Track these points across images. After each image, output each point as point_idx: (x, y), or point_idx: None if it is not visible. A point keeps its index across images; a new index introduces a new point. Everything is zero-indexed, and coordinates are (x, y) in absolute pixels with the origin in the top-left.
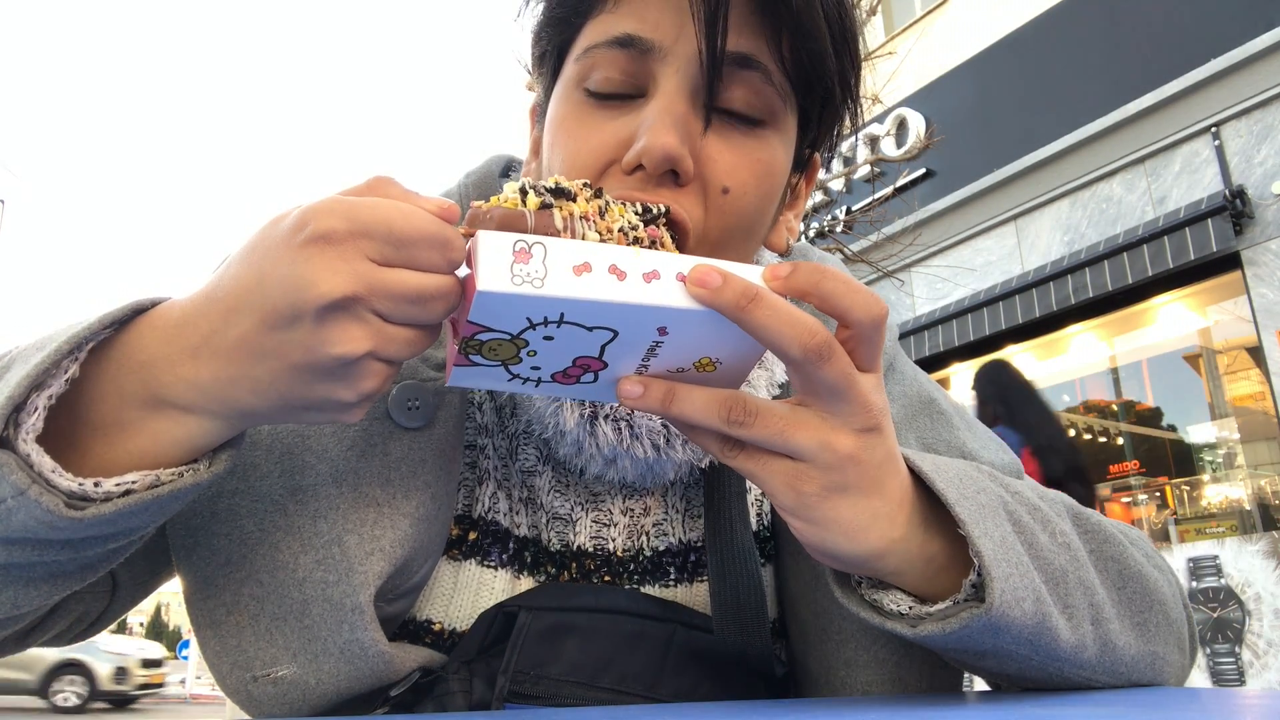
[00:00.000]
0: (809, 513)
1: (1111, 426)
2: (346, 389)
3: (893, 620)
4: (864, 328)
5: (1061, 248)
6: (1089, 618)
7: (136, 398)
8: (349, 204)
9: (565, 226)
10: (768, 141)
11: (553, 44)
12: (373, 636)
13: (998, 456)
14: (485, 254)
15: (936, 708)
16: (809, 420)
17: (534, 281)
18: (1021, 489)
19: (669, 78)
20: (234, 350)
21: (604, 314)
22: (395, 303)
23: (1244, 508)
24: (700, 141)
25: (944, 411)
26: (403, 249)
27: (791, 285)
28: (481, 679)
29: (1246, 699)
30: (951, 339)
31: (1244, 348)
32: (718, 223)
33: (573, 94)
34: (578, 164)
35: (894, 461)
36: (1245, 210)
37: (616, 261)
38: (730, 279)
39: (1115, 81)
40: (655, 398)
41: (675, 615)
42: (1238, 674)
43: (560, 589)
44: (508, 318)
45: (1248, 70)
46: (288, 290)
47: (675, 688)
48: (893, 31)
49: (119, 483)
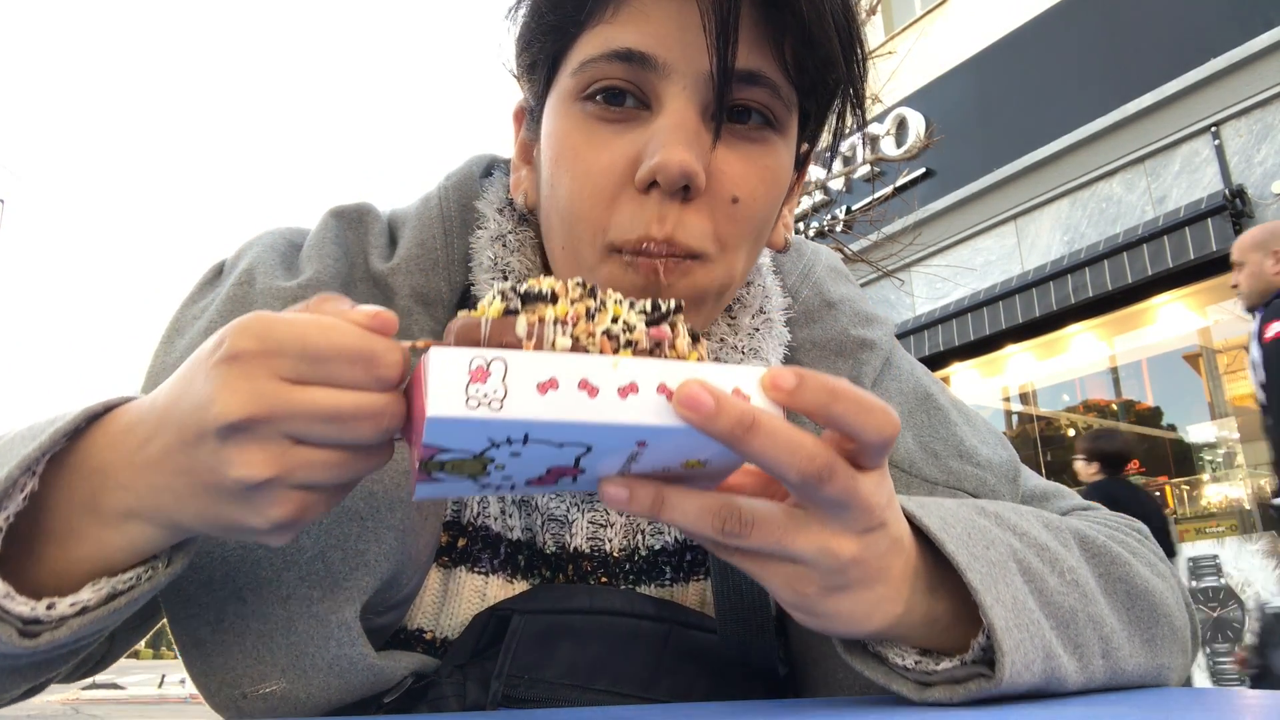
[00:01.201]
0: (810, 608)
1: (1111, 426)
2: (254, 514)
3: (898, 682)
4: (875, 447)
5: (1061, 247)
6: (1099, 652)
7: (85, 505)
8: (266, 321)
9: (530, 334)
10: (773, 147)
11: (545, 52)
12: (360, 650)
13: (995, 453)
14: (436, 374)
15: (936, 707)
16: (808, 526)
17: (491, 403)
18: (1029, 526)
19: (676, 94)
20: (159, 461)
21: (574, 433)
22: (308, 423)
23: (1244, 507)
24: (710, 154)
25: (941, 407)
26: (319, 365)
27: (797, 403)
28: (475, 683)
29: (1246, 699)
30: (951, 338)
31: (1243, 347)
32: (728, 230)
33: (572, 108)
34: (589, 185)
35: (897, 546)
36: (1245, 210)
37: (588, 375)
38: (724, 404)
39: (1115, 81)
40: (643, 503)
41: (672, 615)
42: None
43: (554, 591)
44: (466, 439)
45: (1247, 70)
46: (194, 409)
47: (672, 688)
48: (892, 31)
49: (74, 602)
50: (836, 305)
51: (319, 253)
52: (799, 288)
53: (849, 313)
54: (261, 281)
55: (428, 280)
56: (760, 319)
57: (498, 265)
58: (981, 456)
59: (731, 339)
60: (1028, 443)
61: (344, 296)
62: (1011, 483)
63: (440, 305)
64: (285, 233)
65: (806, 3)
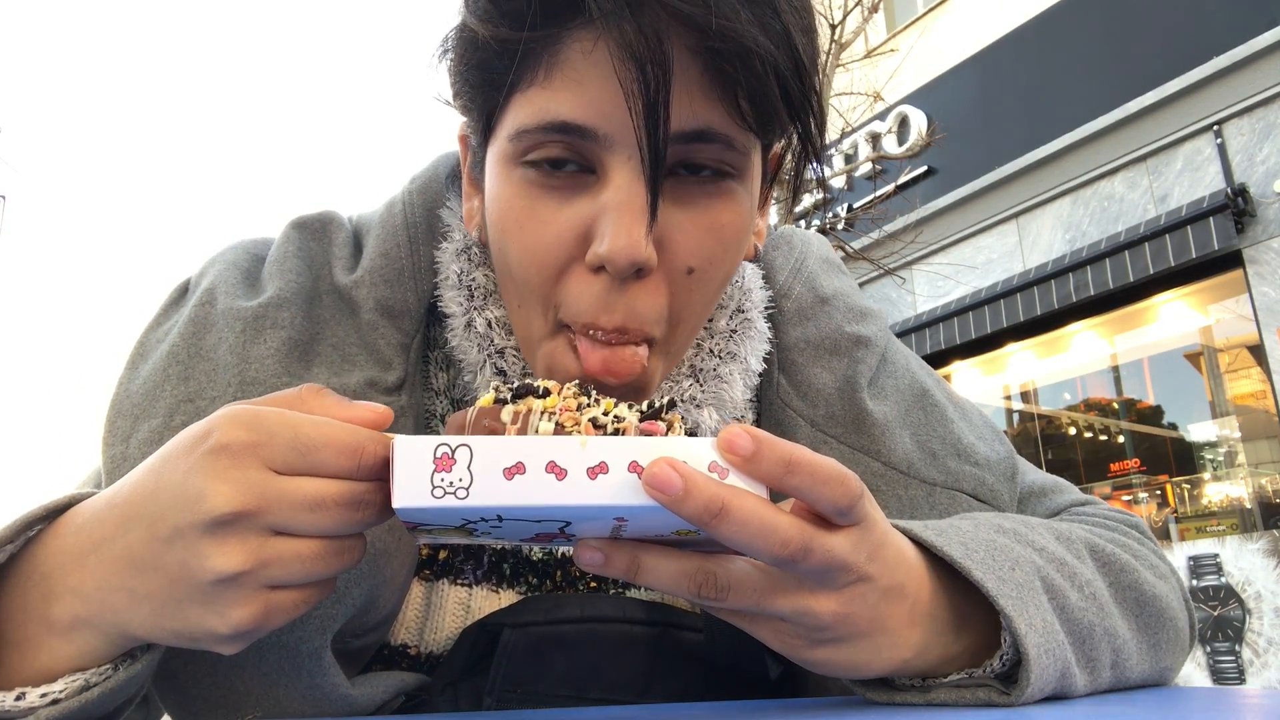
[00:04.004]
0: (801, 658)
1: (1112, 424)
2: (216, 616)
3: (902, 695)
4: (838, 513)
5: (1063, 246)
6: (1109, 663)
7: (36, 612)
8: (255, 412)
9: (515, 419)
10: (732, 195)
11: (477, 106)
12: (333, 681)
13: (992, 449)
14: (401, 464)
15: (936, 707)
16: (785, 587)
17: (457, 492)
18: (1046, 541)
19: (621, 165)
20: (118, 559)
21: (546, 513)
22: (294, 511)
23: (1245, 506)
24: (659, 226)
25: (938, 403)
26: (308, 455)
27: (753, 472)
28: (467, 699)
29: (1246, 698)
30: (953, 337)
31: (1245, 346)
32: (684, 302)
33: (513, 173)
34: (537, 260)
35: (893, 594)
36: (1247, 208)
37: (556, 458)
38: (693, 487)
39: (1117, 79)
40: (619, 567)
41: (663, 618)
42: (1238, 672)
43: (544, 601)
44: (441, 518)
45: (1250, 68)
46: (177, 502)
47: (667, 692)
48: (894, 29)
49: (45, 693)
50: (830, 301)
51: (281, 268)
52: (791, 284)
53: (843, 308)
54: (223, 302)
55: (393, 292)
56: (738, 319)
57: (463, 281)
58: (980, 455)
59: (708, 343)
60: (1029, 441)
61: (330, 392)
62: (1010, 480)
63: (407, 317)
64: (248, 246)
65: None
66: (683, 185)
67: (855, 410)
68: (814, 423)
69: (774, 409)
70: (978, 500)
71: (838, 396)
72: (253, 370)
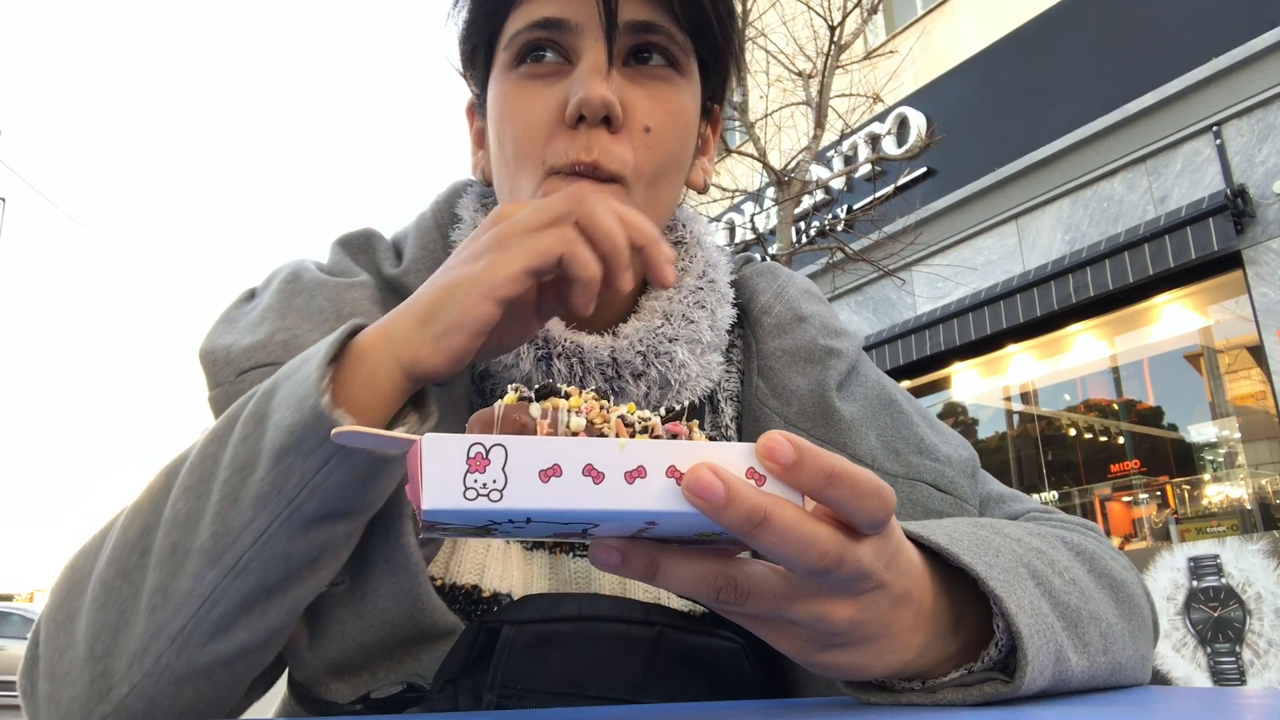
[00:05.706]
0: (809, 661)
1: (1112, 425)
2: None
3: (905, 696)
4: (871, 528)
5: (1062, 247)
6: (1101, 647)
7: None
8: None
9: (544, 414)
10: (676, 85)
11: (481, 37)
12: (413, 543)
13: (956, 452)
14: (431, 464)
15: (935, 707)
16: (804, 593)
17: (491, 494)
18: (1021, 533)
19: (590, 46)
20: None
21: (578, 517)
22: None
23: (1245, 507)
24: (621, 89)
25: (905, 411)
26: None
27: (793, 481)
28: (466, 696)
29: (1247, 698)
30: (953, 338)
31: (1245, 347)
32: (645, 158)
33: (509, 76)
34: (527, 132)
35: (902, 600)
36: (1246, 209)
37: (593, 460)
38: (735, 495)
39: (1116, 80)
40: (637, 568)
41: (661, 618)
42: (1238, 673)
43: (542, 600)
44: (466, 519)
45: (1249, 69)
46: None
47: (663, 690)
48: (894, 30)
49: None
50: (808, 319)
51: (341, 268)
52: (772, 304)
53: (819, 325)
54: (308, 275)
55: None
56: (704, 280)
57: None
58: (941, 453)
59: (677, 297)
60: (1029, 442)
61: None
62: (970, 478)
63: None
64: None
65: None
66: (637, 72)
67: (825, 407)
68: (787, 419)
69: (752, 408)
70: (938, 490)
71: (809, 396)
72: (348, 308)
